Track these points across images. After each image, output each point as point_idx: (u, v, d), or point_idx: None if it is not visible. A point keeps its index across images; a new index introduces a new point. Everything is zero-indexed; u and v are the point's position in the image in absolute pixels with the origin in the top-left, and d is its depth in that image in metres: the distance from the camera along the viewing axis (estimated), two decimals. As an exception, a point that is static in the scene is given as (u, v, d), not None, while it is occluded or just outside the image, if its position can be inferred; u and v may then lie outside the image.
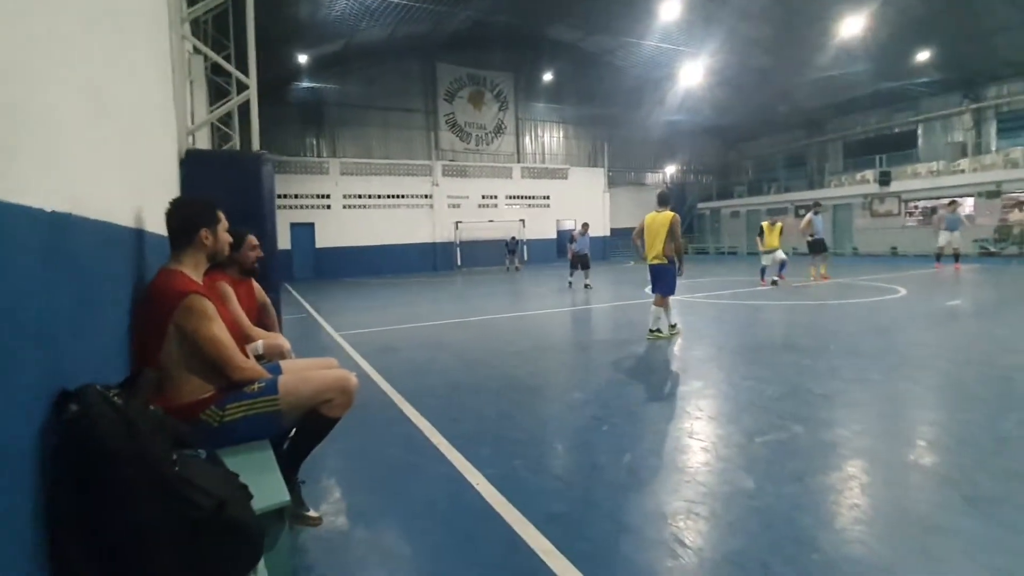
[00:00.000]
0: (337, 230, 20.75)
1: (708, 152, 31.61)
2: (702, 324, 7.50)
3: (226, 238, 2.30)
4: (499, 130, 24.56)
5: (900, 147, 22.91)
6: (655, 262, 6.18)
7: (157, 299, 1.98)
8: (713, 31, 19.86)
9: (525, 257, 23.16)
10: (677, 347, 5.94)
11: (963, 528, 2.21)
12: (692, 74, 21.28)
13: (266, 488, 1.71)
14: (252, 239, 3.13)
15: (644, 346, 6.00)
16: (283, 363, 2.65)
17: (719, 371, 4.92)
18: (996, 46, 18.16)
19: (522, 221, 23.61)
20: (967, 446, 3.05)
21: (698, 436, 3.31)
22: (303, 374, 2.32)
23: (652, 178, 30.18)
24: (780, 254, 11.21)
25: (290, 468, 2.31)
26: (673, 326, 6.32)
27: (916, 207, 20.32)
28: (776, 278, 11.28)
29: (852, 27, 17.32)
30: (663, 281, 6.19)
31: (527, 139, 25.68)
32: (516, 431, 3.52)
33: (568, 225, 25.66)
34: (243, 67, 5.61)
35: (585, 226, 12.86)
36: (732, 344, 5.97)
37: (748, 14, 19.00)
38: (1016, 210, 17.48)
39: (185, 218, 2.15)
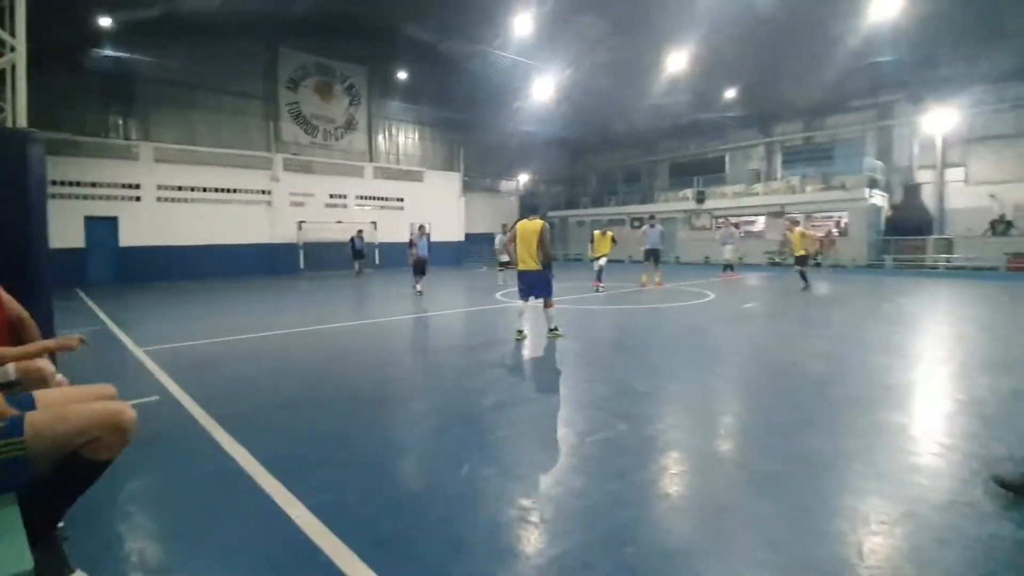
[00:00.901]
0: (149, 226, 17.82)
1: (558, 163, 33.62)
2: (544, 328, 7.85)
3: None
4: (350, 126, 23.33)
5: (713, 170, 26.76)
6: (531, 268, 6.36)
7: None
8: (561, 51, 21.23)
9: (377, 261, 22.24)
10: (523, 352, 6.11)
11: (747, 506, 2.54)
12: (544, 88, 22.47)
13: (2, 555, 1.43)
14: None
15: (489, 352, 6.08)
16: (39, 394, 2.13)
17: (557, 374, 5.15)
18: (781, 92, 22.14)
19: (374, 223, 22.63)
20: (753, 432, 3.55)
21: (534, 440, 3.39)
22: (62, 410, 1.87)
23: (507, 185, 31.19)
24: (602, 261, 12.22)
25: (46, 523, 1.86)
26: (521, 331, 6.54)
27: (724, 222, 23.87)
28: (597, 284, 12.23)
29: (677, 62, 19.76)
30: (542, 286, 6.43)
31: (381, 138, 24.79)
32: (349, 451, 3.26)
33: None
34: (10, 22, 4.53)
35: (422, 228, 12.33)
36: (572, 348, 6.31)
37: (590, 39, 20.64)
38: (794, 228, 21.42)
39: None
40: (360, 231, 20.34)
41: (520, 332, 6.52)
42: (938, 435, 3.36)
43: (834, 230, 20.12)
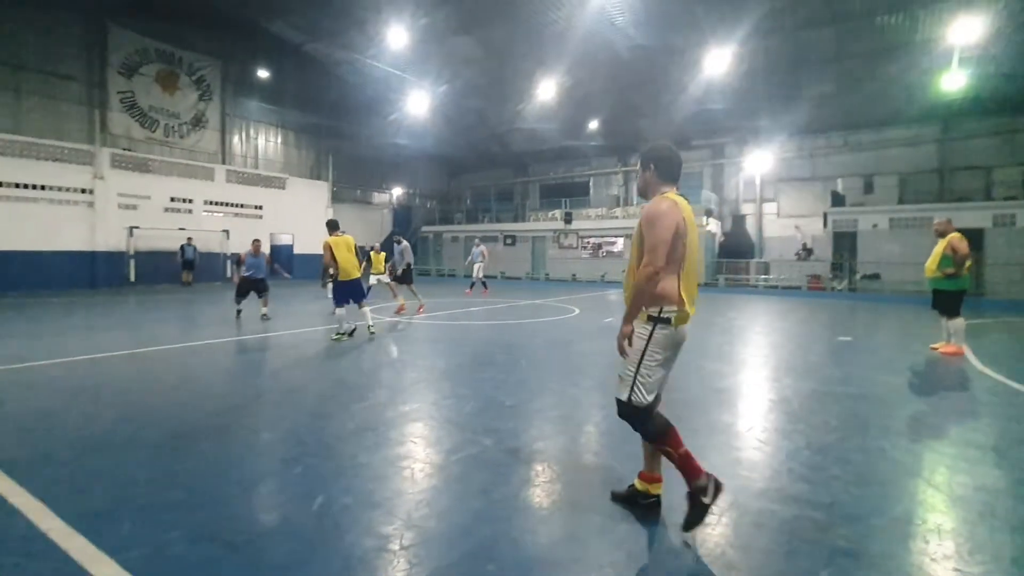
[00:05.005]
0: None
1: (433, 179, 33.54)
2: (413, 345, 7.71)
3: None
4: (198, 123, 20.93)
5: (579, 194, 28.66)
6: (358, 276, 7.73)
7: None
8: (437, 68, 21.35)
9: (228, 273, 19.98)
10: (388, 371, 5.90)
11: (602, 510, 2.66)
12: (419, 103, 22.27)
13: None
14: None
15: (351, 374, 5.78)
16: None
17: (425, 392, 5.04)
18: (636, 127, 24.51)
19: (226, 232, 20.45)
20: (607, 437, 3.77)
21: (398, 463, 3.25)
22: None
23: (379, 198, 30.29)
24: (372, 279, 11.83)
25: None
26: (343, 334, 7.65)
27: (588, 242, 25.57)
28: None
29: (547, 91, 20.91)
30: (360, 292, 7.84)
31: (236, 139, 22.61)
32: (176, 493, 2.83)
33: (285, 239, 23.56)
34: None
35: (256, 243, 10.26)
36: (440, 365, 6.25)
37: (465, 60, 21.08)
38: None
39: None
40: (190, 239, 18.43)
41: (343, 335, 7.54)
42: (757, 431, 3.87)
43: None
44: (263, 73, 22.46)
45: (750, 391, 5.25)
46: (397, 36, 18.11)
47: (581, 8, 16.80)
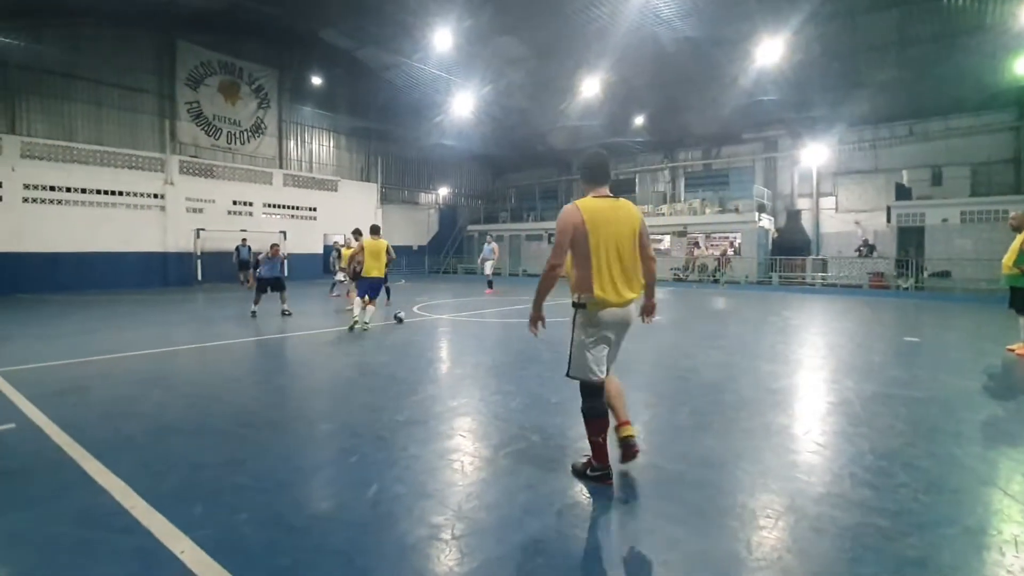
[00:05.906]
0: (12, 229, 15.54)
1: (477, 178, 33.89)
2: (459, 342, 7.83)
3: None
4: (258, 130, 22.01)
5: (624, 191, 28.18)
6: (378, 275, 8.61)
7: None
8: (481, 68, 21.54)
9: (285, 272, 20.95)
10: (432, 368, 6.03)
11: (651, 508, 2.64)
12: (464, 104, 22.58)
13: None
14: None
15: (401, 368, 5.93)
16: None
17: (473, 387, 5.12)
18: (684, 122, 23.91)
19: (283, 233, 21.42)
20: (657, 436, 3.72)
21: (448, 456, 3.33)
22: None
23: (426, 198, 30.88)
24: (340, 276, 12.46)
25: None
26: (357, 322, 8.33)
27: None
28: (337, 295, 13.12)
29: (591, 88, 20.73)
30: (378, 289, 8.73)
31: (292, 144, 23.62)
32: (243, 477, 3.01)
33: (338, 239, 24.41)
34: None
35: (275, 247, 10.60)
36: (486, 361, 6.32)
37: (509, 60, 21.16)
38: (695, 247, 23.04)
39: None
40: (244, 240, 19.01)
41: (356, 322, 8.12)
42: (815, 434, 3.72)
43: (730, 250, 21.90)
44: (316, 80, 23.32)
45: (807, 392, 5.04)
46: (442, 38, 18.39)
47: (625, 2, 16.54)
